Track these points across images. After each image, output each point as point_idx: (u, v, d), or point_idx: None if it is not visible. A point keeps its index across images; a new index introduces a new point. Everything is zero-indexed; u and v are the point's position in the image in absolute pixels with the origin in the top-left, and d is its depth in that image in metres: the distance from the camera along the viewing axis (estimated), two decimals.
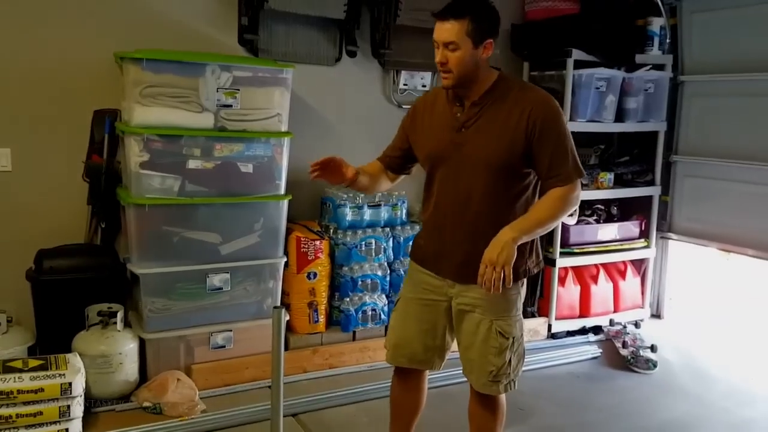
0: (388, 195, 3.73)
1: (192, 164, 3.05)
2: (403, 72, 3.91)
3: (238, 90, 3.07)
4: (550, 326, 4.11)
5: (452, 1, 2.00)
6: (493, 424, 2.27)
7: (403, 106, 3.89)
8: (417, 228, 3.73)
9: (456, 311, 2.19)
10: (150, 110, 2.94)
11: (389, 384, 2.44)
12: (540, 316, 4.14)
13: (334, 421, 3.03)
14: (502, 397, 2.25)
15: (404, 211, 3.81)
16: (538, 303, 4.16)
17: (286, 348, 3.45)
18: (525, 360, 2.24)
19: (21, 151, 3.13)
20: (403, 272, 3.68)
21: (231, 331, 3.27)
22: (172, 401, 2.96)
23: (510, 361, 2.14)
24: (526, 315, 4.10)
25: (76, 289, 3.05)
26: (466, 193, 2.07)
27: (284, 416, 2.94)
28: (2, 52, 3.05)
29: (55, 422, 2.66)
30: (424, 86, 4.02)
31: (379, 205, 3.71)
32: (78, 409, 2.72)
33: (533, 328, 4.06)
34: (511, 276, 1.95)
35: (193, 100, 3.01)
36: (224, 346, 3.27)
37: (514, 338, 2.14)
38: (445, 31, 1.97)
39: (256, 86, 3.13)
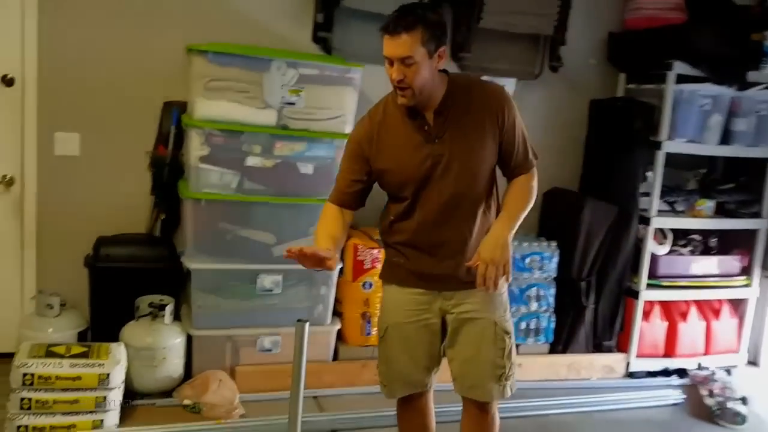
0: None
1: (251, 161, 2.97)
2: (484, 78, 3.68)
3: (303, 88, 2.97)
4: (628, 364, 3.75)
5: (399, 14, 1.86)
6: None
7: None
8: None
9: (455, 323, 2.07)
10: (213, 104, 2.89)
11: (446, 409, 2.38)
12: (618, 351, 3.78)
13: None
14: (497, 410, 2.18)
15: None
16: (617, 337, 3.81)
17: (335, 358, 3.32)
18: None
19: (90, 137, 3.17)
20: None
21: (279, 335, 3.16)
22: (212, 402, 2.89)
23: (513, 361, 2.11)
24: (602, 349, 3.77)
25: (130, 279, 3.05)
26: (454, 202, 1.99)
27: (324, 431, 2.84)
28: (78, 39, 3.10)
29: (90, 412, 2.64)
30: None
31: None
32: (115, 400, 2.69)
33: (608, 364, 3.72)
34: (511, 272, 1.98)
35: (256, 96, 2.93)
36: (271, 350, 3.17)
37: (512, 336, 2.11)
38: (399, 46, 1.83)
39: (322, 85, 3.02)
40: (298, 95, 2.97)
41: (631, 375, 3.74)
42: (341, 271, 3.25)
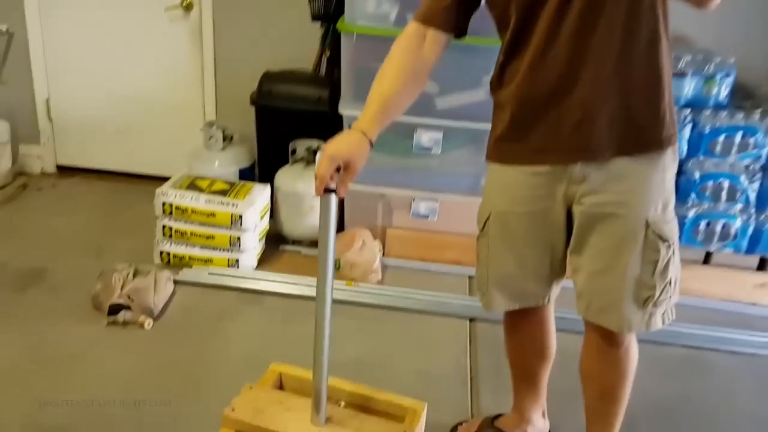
0: (702, 56, 2.55)
1: None
2: None
3: None
4: None
5: None
6: (624, 380, 1.56)
7: None
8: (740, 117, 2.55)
9: (584, 218, 1.43)
10: None
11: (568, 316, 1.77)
12: None
13: None
14: (635, 341, 1.54)
15: (726, 88, 2.60)
16: None
17: None
18: None
19: None
20: (698, 175, 2.61)
21: (437, 201, 2.75)
22: (352, 261, 2.66)
23: (671, 279, 1.44)
24: None
25: (289, 119, 2.86)
26: (593, 16, 1.28)
27: (460, 317, 2.44)
28: None
29: (226, 250, 2.61)
30: None
31: (684, 74, 2.57)
32: (250, 242, 2.61)
33: None
34: None
35: None
36: (427, 217, 2.78)
37: (674, 244, 1.43)
38: None
39: None
40: None
41: None
42: None
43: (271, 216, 2.82)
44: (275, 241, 2.85)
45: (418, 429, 1.56)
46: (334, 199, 1.34)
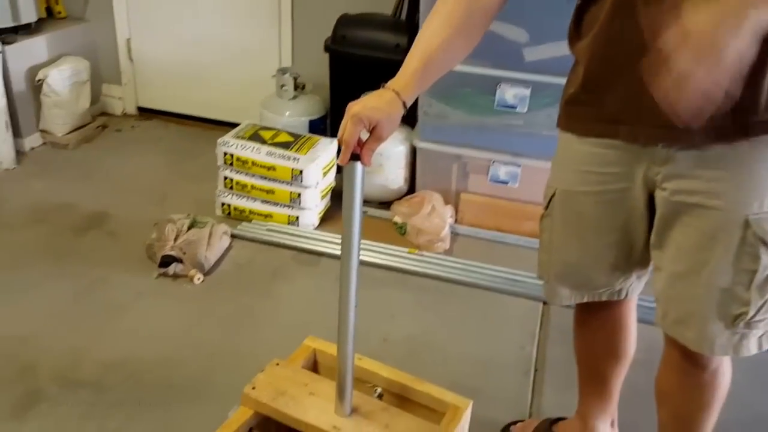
0: None
1: None
2: None
3: None
4: None
5: None
6: (706, 410, 1.28)
7: None
8: None
9: (667, 207, 1.14)
10: None
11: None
12: None
13: None
14: (728, 362, 1.25)
15: None
16: None
17: None
18: None
19: None
20: None
21: (519, 166, 2.47)
22: (419, 227, 2.45)
23: None
24: None
25: (364, 67, 2.64)
26: None
27: (532, 299, 2.19)
28: None
29: (286, 206, 2.47)
30: None
31: None
32: (311, 200, 2.46)
33: None
34: None
35: None
36: (507, 183, 2.51)
37: None
38: None
39: None
40: None
41: None
42: None
43: (338, 172, 2.65)
44: (341, 198, 2.68)
45: (458, 430, 1.36)
46: (360, 167, 1.14)
